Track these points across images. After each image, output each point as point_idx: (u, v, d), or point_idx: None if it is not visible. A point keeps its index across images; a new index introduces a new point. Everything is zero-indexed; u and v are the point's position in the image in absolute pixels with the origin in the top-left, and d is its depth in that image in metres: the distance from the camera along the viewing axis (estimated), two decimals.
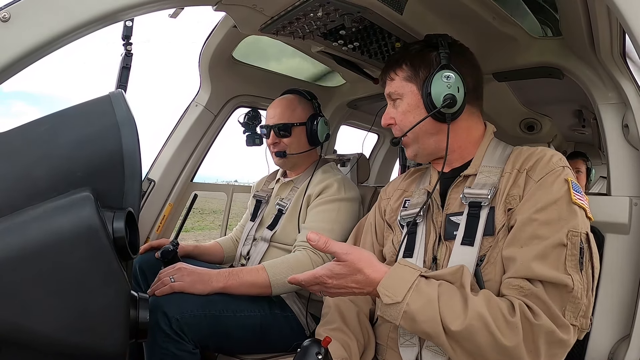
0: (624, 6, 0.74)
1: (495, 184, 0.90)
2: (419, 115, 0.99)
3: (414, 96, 1.00)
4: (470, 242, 0.87)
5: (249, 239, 1.63)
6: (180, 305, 1.17)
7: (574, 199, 0.79)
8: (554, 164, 0.85)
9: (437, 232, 0.96)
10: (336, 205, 1.45)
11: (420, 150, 1.04)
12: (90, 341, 0.57)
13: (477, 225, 0.88)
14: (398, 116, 1.03)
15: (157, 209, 1.85)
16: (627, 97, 1.13)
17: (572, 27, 1.19)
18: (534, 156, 0.89)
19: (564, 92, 1.92)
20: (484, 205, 0.89)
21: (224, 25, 1.56)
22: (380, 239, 1.14)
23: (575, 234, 0.77)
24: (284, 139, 1.54)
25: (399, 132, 1.04)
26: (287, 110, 1.55)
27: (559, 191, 0.81)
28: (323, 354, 0.70)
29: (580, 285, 0.74)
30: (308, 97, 1.61)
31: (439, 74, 0.95)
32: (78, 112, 0.69)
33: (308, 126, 1.54)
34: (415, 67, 1.00)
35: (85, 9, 0.76)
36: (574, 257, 0.75)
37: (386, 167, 3.04)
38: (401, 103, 1.02)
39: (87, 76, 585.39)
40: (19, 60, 0.71)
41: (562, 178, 0.83)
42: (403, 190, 1.15)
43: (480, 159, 0.98)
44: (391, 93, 1.04)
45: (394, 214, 1.11)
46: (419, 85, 0.99)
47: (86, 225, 0.56)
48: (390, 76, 1.04)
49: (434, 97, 0.94)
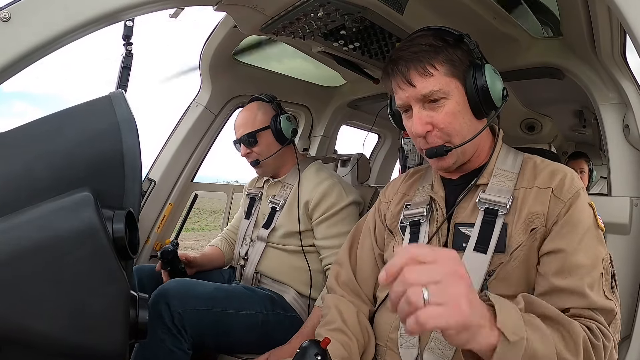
0: (624, 6, 0.74)
1: (511, 190, 0.86)
2: (467, 116, 0.87)
3: (460, 94, 0.86)
4: (484, 249, 0.83)
5: (246, 239, 1.63)
6: (184, 299, 1.18)
7: (600, 224, 0.81)
8: (576, 185, 0.84)
9: (441, 242, 0.91)
10: (342, 215, 1.45)
11: (461, 158, 0.90)
12: (90, 341, 0.57)
13: (491, 233, 0.83)
14: (444, 119, 0.85)
15: (157, 209, 1.85)
16: (627, 97, 1.12)
17: (572, 28, 1.19)
18: (557, 175, 0.85)
19: (565, 93, 1.91)
20: (500, 214, 0.84)
21: (225, 25, 1.56)
22: (380, 244, 1.10)
23: (606, 259, 0.79)
24: (253, 148, 1.54)
25: (441, 140, 0.87)
26: (248, 120, 1.55)
27: (589, 217, 0.81)
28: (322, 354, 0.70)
29: (617, 305, 0.76)
30: (266, 99, 1.61)
31: (488, 66, 0.86)
32: (78, 112, 0.69)
33: (272, 128, 1.54)
34: (453, 60, 0.85)
35: (86, 9, 0.76)
36: (608, 282, 0.77)
37: (386, 167, 3.04)
38: (447, 103, 0.85)
39: (88, 76, 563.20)
40: (19, 60, 0.71)
41: (587, 202, 0.83)
42: (403, 194, 1.09)
43: (493, 165, 0.93)
44: (433, 92, 0.84)
45: (394, 219, 1.06)
46: (462, 80, 0.86)
47: (86, 225, 0.56)
48: (426, 70, 0.84)
49: (493, 92, 0.84)
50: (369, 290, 1.06)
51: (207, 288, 1.28)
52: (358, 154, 2.13)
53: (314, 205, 1.46)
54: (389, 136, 2.94)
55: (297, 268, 1.48)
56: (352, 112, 2.38)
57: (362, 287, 1.07)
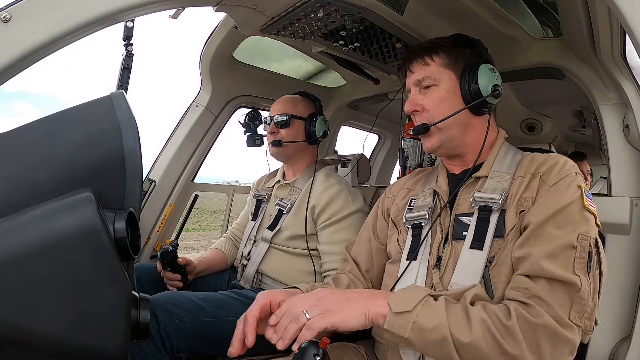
0: (624, 6, 0.74)
1: (506, 189, 0.90)
2: (455, 104, 0.97)
3: (452, 83, 0.98)
4: (480, 246, 0.88)
5: (250, 239, 1.63)
6: (171, 310, 1.17)
7: (586, 205, 0.81)
8: (567, 169, 0.86)
9: (444, 233, 0.95)
10: (347, 222, 1.45)
11: (446, 142, 1.00)
12: (91, 341, 0.57)
13: (486, 229, 0.88)
14: (431, 102, 0.98)
15: (157, 210, 1.85)
16: (627, 97, 1.13)
17: (572, 28, 1.19)
18: (548, 162, 0.90)
19: (565, 93, 1.92)
20: (494, 209, 0.89)
21: (225, 26, 1.56)
22: (382, 238, 1.14)
23: (585, 237, 0.78)
24: (282, 130, 1.57)
25: (426, 120, 0.99)
26: (288, 104, 1.60)
27: (572, 196, 0.82)
28: (321, 355, 0.70)
29: (587, 287, 0.75)
30: (311, 98, 1.66)
31: (485, 65, 0.96)
32: (79, 113, 0.69)
33: (307, 122, 1.58)
34: (453, 56, 0.99)
35: (86, 9, 0.76)
36: (583, 259, 0.76)
37: (387, 167, 3.04)
38: (436, 89, 0.98)
39: (90, 76, 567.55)
40: (20, 60, 0.71)
41: (575, 184, 0.84)
42: (409, 189, 1.14)
43: (492, 161, 0.98)
44: (425, 78, 0.99)
45: (399, 213, 1.10)
46: (458, 73, 0.98)
47: (87, 226, 0.56)
48: (424, 60, 1.00)
49: (481, 86, 0.95)
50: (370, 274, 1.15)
51: (194, 299, 1.26)
52: (358, 154, 2.13)
53: (320, 210, 1.46)
54: (389, 136, 2.95)
55: (300, 270, 1.48)
56: (352, 112, 2.38)
57: (365, 272, 1.14)
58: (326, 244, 1.44)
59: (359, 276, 1.13)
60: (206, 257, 1.66)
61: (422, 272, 0.94)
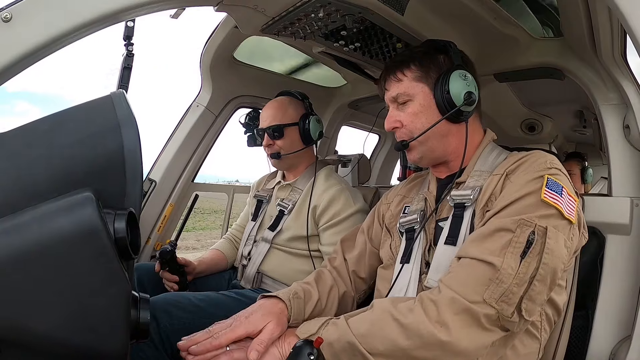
0: (625, 6, 0.74)
1: (481, 186, 0.91)
2: (431, 116, 0.96)
3: (425, 96, 0.97)
4: (453, 241, 0.89)
5: (250, 239, 1.63)
6: (171, 311, 1.17)
7: (544, 197, 0.77)
8: (537, 165, 0.84)
9: (428, 238, 0.97)
10: (348, 223, 1.45)
11: (427, 153, 1.00)
12: (91, 341, 0.57)
13: (460, 225, 0.89)
14: (407, 118, 0.99)
15: (158, 210, 1.85)
16: (628, 97, 1.13)
17: (573, 28, 1.19)
18: (523, 160, 0.88)
19: (565, 93, 1.92)
20: (467, 205, 0.90)
21: (225, 26, 1.56)
22: (375, 242, 1.16)
23: (527, 223, 0.75)
24: (277, 141, 1.54)
25: (406, 136, 1.00)
26: (278, 112, 1.55)
27: (527, 189, 0.80)
28: (315, 355, 0.70)
29: (511, 271, 0.73)
30: (299, 97, 1.61)
31: (456, 73, 0.94)
32: (79, 112, 0.69)
33: (300, 126, 1.55)
34: (425, 67, 0.98)
35: (87, 9, 0.76)
36: (519, 244, 0.74)
37: (387, 167, 3.04)
38: (411, 104, 0.98)
39: (91, 76, 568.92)
40: (20, 60, 0.71)
41: (536, 176, 0.81)
42: (403, 196, 1.15)
43: (473, 165, 0.98)
44: (399, 95, 0.99)
45: (393, 220, 1.11)
46: (431, 85, 0.97)
47: (87, 226, 0.56)
48: (396, 77, 1.00)
49: (453, 95, 0.93)
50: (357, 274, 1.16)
51: (193, 300, 1.26)
52: (359, 154, 2.13)
53: (321, 211, 1.46)
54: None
55: (301, 271, 1.48)
56: (352, 112, 2.38)
57: (351, 272, 1.16)
58: (328, 245, 1.44)
59: (344, 276, 1.15)
60: (206, 258, 1.66)
61: (415, 276, 0.95)
